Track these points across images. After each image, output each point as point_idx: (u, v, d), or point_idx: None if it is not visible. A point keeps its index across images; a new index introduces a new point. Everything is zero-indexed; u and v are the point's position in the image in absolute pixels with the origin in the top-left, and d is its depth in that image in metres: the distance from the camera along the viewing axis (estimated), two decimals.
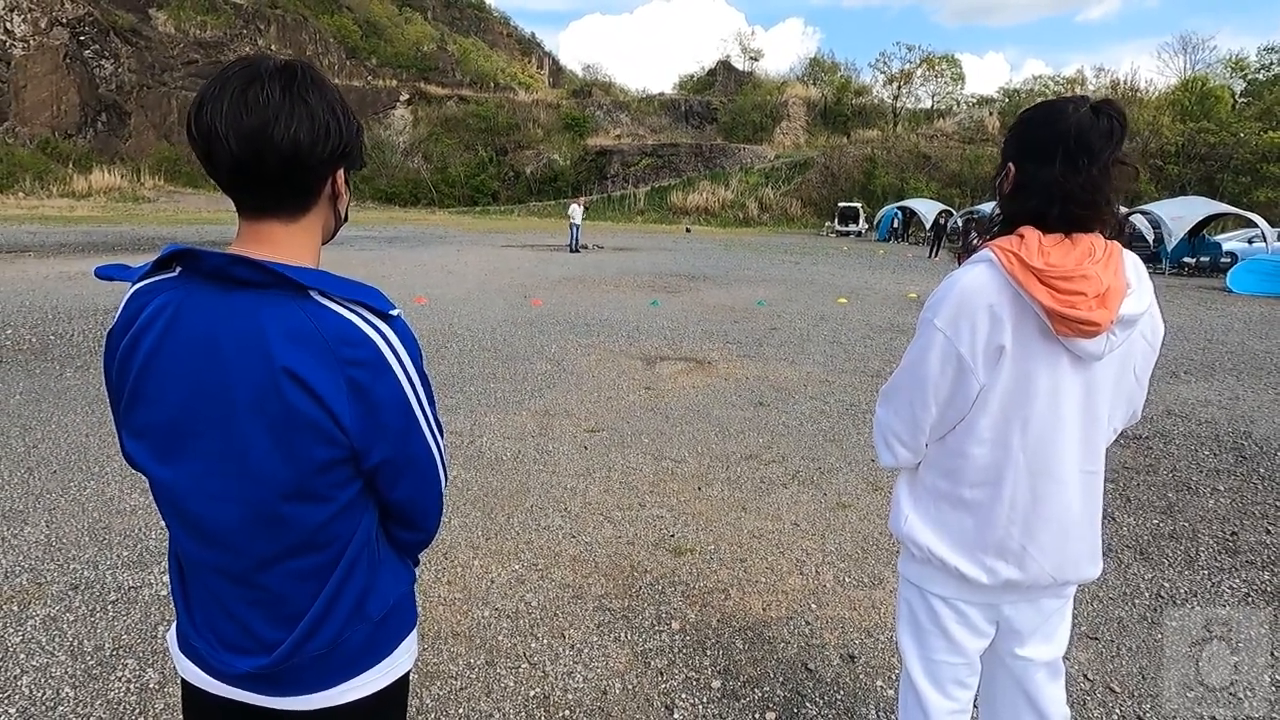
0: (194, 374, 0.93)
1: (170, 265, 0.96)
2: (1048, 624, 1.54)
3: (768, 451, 4.81)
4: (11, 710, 2.23)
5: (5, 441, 4.52)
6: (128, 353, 0.96)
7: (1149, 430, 5.45)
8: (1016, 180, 1.38)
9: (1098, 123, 1.28)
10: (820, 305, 11.86)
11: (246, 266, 0.91)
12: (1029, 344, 1.33)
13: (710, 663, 2.59)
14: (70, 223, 24.79)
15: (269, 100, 0.89)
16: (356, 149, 1.00)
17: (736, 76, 60.62)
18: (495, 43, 73.63)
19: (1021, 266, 1.30)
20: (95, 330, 7.91)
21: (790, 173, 44.01)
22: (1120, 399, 1.44)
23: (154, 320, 0.94)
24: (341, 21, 56.82)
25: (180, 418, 0.95)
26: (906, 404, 1.45)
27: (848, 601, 3.02)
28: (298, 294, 0.93)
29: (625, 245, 24.49)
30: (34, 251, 16.08)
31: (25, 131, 41.83)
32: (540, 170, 47.93)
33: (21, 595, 2.86)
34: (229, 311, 0.92)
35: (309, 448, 0.94)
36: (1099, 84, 44.06)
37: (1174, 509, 4.06)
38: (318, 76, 0.95)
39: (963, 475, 1.44)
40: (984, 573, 1.44)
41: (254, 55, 0.95)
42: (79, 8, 43.57)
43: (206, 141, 0.90)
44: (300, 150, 0.91)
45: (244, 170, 0.91)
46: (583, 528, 3.61)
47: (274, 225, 0.96)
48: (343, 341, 0.92)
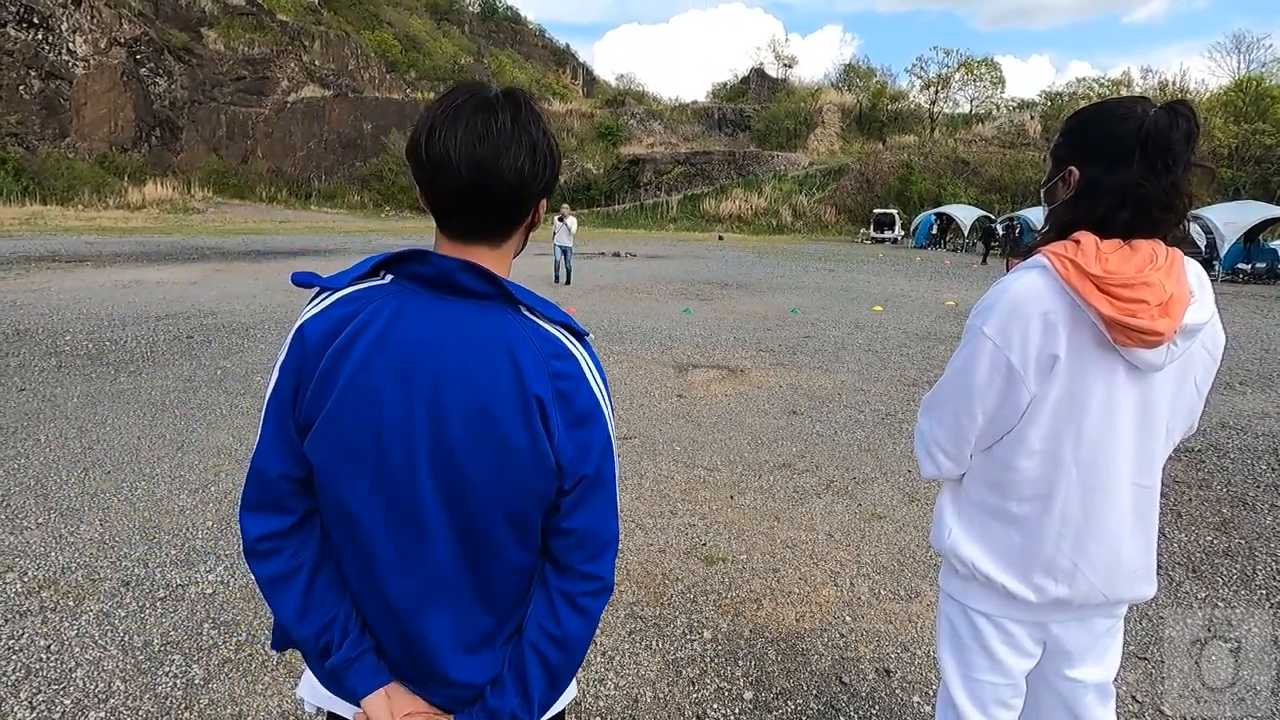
0: (414, 388, 0.92)
1: (379, 273, 0.97)
2: (1099, 644, 1.49)
3: (801, 461, 4.75)
4: (67, 701, 2.32)
5: (64, 443, 4.72)
6: (334, 361, 0.93)
7: (1202, 443, 5.24)
8: (1082, 184, 1.32)
9: (1176, 123, 1.23)
10: (855, 313, 11.71)
11: (476, 275, 0.93)
12: (1084, 354, 1.29)
13: (742, 673, 2.57)
14: (125, 233, 25.82)
15: (501, 130, 0.90)
16: (556, 178, 1.01)
17: (770, 84, 60.46)
18: (530, 54, 74.66)
19: (1078, 273, 1.25)
20: (148, 336, 8.22)
21: (824, 179, 43.64)
22: (1180, 411, 1.39)
23: (369, 324, 0.92)
24: (382, 37, 58.29)
25: (387, 435, 0.93)
26: (951, 413, 1.42)
27: (883, 615, 2.96)
28: (514, 309, 0.96)
29: (657, 253, 24.54)
30: (92, 261, 16.79)
31: (85, 146, 43.75)
32: (574, 179, 48.35)
33: (77, 590, 2.97)
34: (459, 323, 0.93)
35: (531, 475, 0.95)
36: (1146, 85, 42.75)
37: (1229, 525, 3.89)
38: (536, 107, 0.96)
39: (1011, 488, 1.40)
40: (1032, 591, 1.40)
41: (476, 82, 0.96)
42: (136, 28, 45.52)
43: (436, 168, 0.91)
44: (523, 180, 0.93)
45: (469, 197, 0.92)
46: None
47: (480, 249, 0.98)
48: (553, 355, 0.95)
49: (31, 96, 42.29)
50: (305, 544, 1.02)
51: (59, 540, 3.40)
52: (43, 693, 2.35)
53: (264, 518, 0.99)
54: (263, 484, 0.99)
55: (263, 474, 0.98)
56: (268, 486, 0.98)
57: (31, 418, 5.21)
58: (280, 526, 1.00)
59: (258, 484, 0.99)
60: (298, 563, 1.01)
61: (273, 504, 0.99)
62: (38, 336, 8.03)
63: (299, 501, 1.00)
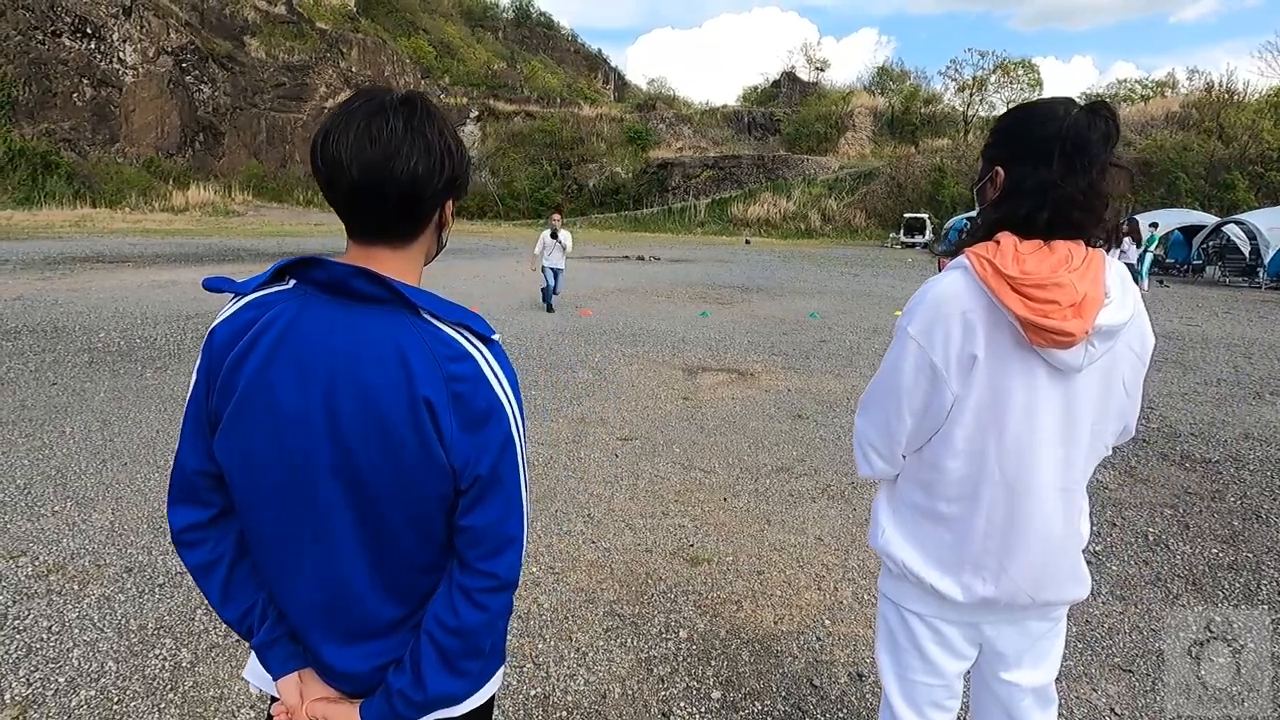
0: (309, 388, 0.95)
1: (283, 278, 1.00)
2: (1035, 648, 1.48)
3: (800, 464, 4.73)
4: (60, 680, 2.44)
5: (87, 435, 4.92)
6: (237, 362, 0.96)
7: (1220, 454, 5.08)
8: (1008, 184, 1.34)
9: (1094, 124, 1.25)
10: (875, 318, 11.57)
11: (368, 280, 0.95)
12: (1003, 354, 1.30)
13: (713, 673, 2.58)
14: (168, 235, 26.72)
15: (392, 133, 0.93)
16: (465, 179, 1.03)
17: (801, 87, 60.05)
18: (562, 59, 75.39)
19: (994, 273, 1.27)
20: (176, 335, 8.51)
21: (854, 183, 43.14)
22: (1109, 414, 1.38)
23: (270, 327, 0.95)
24: (418, 43, 59.42)
25: (286, 435, 0.96)
26: (881, 414, 1.43)
27: (864, 619, 2.94)
28: (411, 313, 0.97)
29: (682, 257, 24.53)
30: (133, 262, 17.41)
31: (133, 151, 45.42)
32: (602, 183, 48.62)
33: (82, 575, 3.11)
34: (352, 327, 0.95)
35: (427, 480, 0.97)
36: (1191, 87, 41.38)
37: (1238, 538, 3.77)
38: (435, 109, 0.99)
39: (939, 489, 1.41)
40: (960, 589, 1.40)
41: (375, 88, 0.99)
42: (182, 37, 47.15)
43: (330, 171, 0.94)
44: (418, 182, 0.95)
45: (364, 199, 0.95)
46: (603, 534, 3.65)
47: (384, 251, 1.00)
48: (449, 358, 0.96)
49: (84, 104, 44.08)
50: (226, 535, 1.09)
51: (71, 527, 3.55)
52: (39, 670, 2.47)
53: (186, 510, 1.07)
54: (182, 479, 1.06)
55: (182, 469, 1.05)
56: (186, 481, 1.06)
57: (60, 411, 5.44)
58: (201, 518, 1.07)
59: (178, 479, 1.06)
60: (219, 552, 1.08)
61: (193, 498, 1.06)
62: (73, 333, 8.37)
63: (217, 495, 1.06)
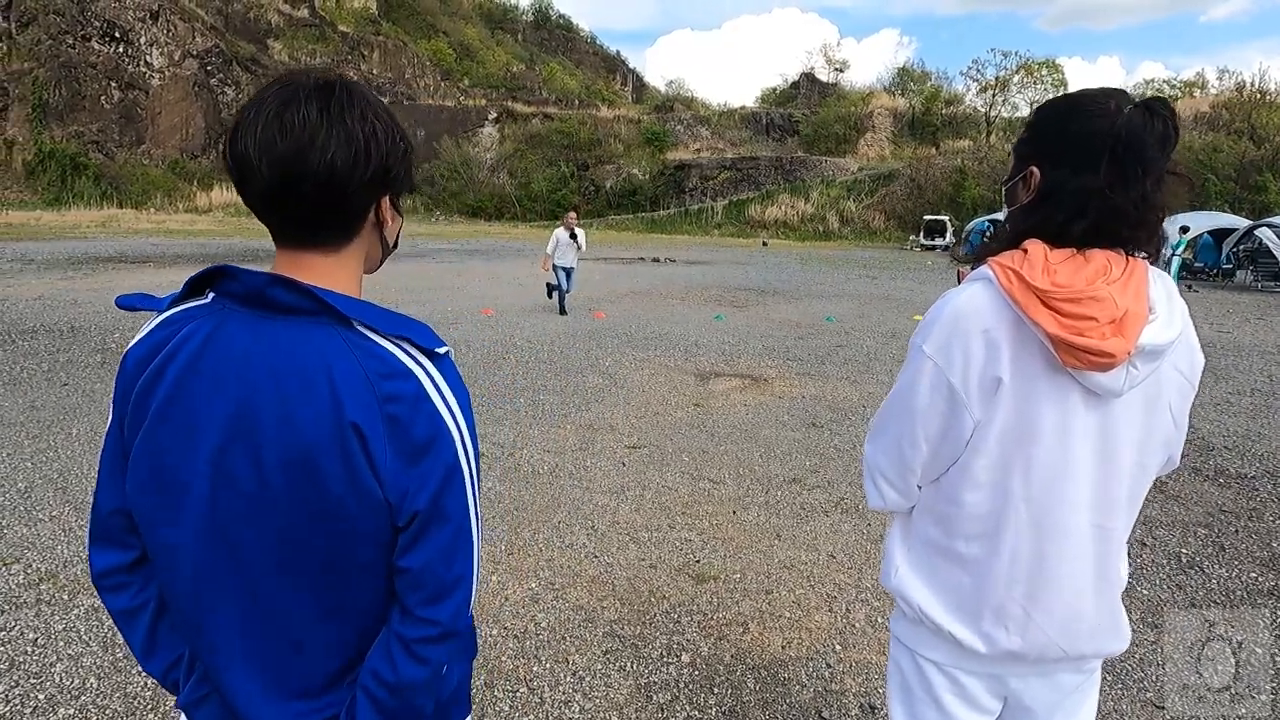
0: (223, 414, 0.84)
1: (202, 291, 0.90)
2: (1066, 703, 1.33)
3: (813, 476, 4.58)
4: (40, 696, 2.36)
5: (92, 437, 4.89)
6: (147, 389, 0.86)
7: (1257, 469, 4.84)
8: (1043, 186, 1.18)
9: (1151, 124, 1.08)
10: (893, 322, 11.35)
11: (286, 289, 0.83)
12: (1032, 376, 1.15)
13: (716, 701, 2.44)
14: (190, 235, 27.07)
15: (305, 122, 0.81)
16: (402, 172, 0.90)
17: (820, 88, 59.60)
18: (581, 61, 75.59)
19: (1022, 286, 1.12)
20: None
21: (873, 185, 42.71)
22: (1154, 444, 1.23)
23: (181, 349, 0.85)
24: (438, 45, 59.91)
25: (200, 467, 0.85)
26: (894, 440, 1.29)
27: (877, 644, 2.79)
28: (342, 325, 0.85)
29: (698, 259, 24.38)
30: (154, 262, 17.62)
31: (159, 153, 46.23)
32: (619, 184, 48.59)
33: (73, 585, 3.05)
34: (273, 344, 0.83)
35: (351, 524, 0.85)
36: (1221, 87, 40.44)
37: (1278, 561, 3.56)
38: (359, 93, 0.86)
39: (957, 525, 1.26)
40: (981, 640, 1.26)
41: (294, 72, 0.86)
42: (208, 40, 47.90)
43: (240, 169, 0.83)
44: (336, 175, 0.83)
45: (279, 199, 0.84)
46: (606, 547, 3.53)
47: (313, 256, 0.89)
48: (383, 375, 0.83)
49: (111, 106, 44.94)
50: (149, 581, 0.98)
51: (67, 533, 3.50)
52: (20, 685, 2.40)
53: (106, 552, 0.98)
54: (97, 520, 0.96)
55: (98, 510, 0.96)
56: (101, 523, 0.96)
57: (69, 412, 5.43)
58: (121, 562, 0.97)
59: (94, 519, 0.97)
60: (143, 599, 0.99)
61: (110, 539, 0.97)
62: (89, 334, 8.42)
63: (135, 538, 0.96)
